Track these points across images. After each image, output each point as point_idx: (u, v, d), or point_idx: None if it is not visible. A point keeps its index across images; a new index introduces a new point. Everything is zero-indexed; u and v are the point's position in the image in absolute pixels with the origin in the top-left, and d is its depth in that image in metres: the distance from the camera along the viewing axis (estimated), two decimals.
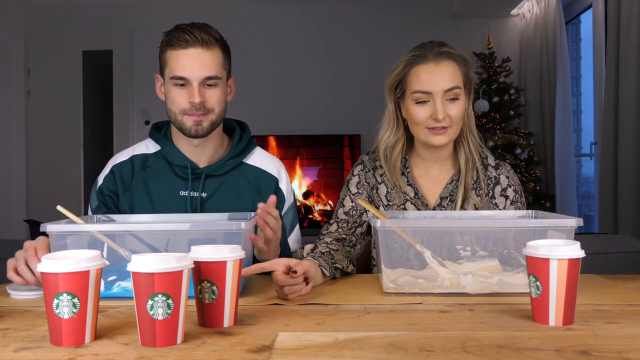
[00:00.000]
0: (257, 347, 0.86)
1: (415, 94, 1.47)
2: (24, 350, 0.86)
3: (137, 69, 5.15)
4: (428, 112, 1.46)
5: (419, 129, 1.49)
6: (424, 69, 1.46)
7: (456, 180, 1.55)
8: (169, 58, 1.47)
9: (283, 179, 1.62)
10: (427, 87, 1.45)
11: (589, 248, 1.03)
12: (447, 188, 1.55)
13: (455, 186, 1.55)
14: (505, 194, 1.58)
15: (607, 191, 3.38)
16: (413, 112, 1.48)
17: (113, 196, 1.54)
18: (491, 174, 1.58)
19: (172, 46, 1.46)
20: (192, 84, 1.45)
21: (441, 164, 1.57)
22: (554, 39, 4.27)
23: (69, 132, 5.19)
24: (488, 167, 1.59)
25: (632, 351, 0.83)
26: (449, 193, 1.55)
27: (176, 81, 1.46)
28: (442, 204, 1.55)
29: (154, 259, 0.86)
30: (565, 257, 0.95)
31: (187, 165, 1.53)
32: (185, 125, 1.48)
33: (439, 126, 1.46)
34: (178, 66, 1.45)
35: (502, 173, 1.59)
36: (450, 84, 1.45)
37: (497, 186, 1.58)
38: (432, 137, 1.48)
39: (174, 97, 1.48)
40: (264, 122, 4.94)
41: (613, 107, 3.30)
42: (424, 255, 1.20)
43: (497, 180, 1.58)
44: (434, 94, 1.45)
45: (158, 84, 1.55)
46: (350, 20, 5.16)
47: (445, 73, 1.45)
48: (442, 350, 0.83)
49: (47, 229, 1.14)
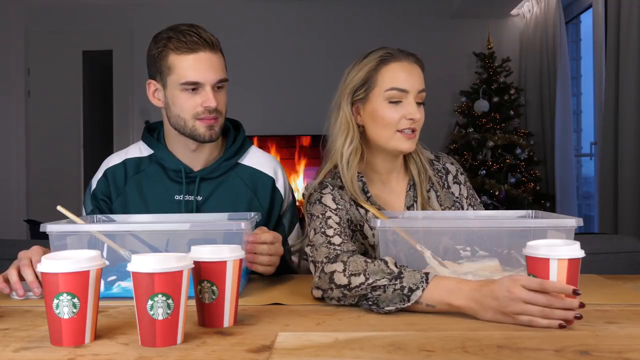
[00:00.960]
0: (257, 347, 0.86)
1: (391, 91, 1.37)
2: (24, 350, 0.86)
3: (137, 69, 5.15)
4: (401, 112, 1.37)
5: (388, 133, 1.38)
6: (400, 67, 1.38)
7: (413, 186, 1.48)
8: (174, 63, 1.42)
9: (280, 179, 1.61)
10: (404, 85, 1.36)
11: (589, 248, 1.03)
12: (408, 196, 1.48)
13: (414, 192, 1.48)
14: (457, 180, 1.53)
15: (607, 191, 3.38)
16: (384, 113, 1.37)
17: (107, 200, 1.53)
18: (438, 166, 1.52)
19: (178, 50, 1.41)
20: (206, 88, 1.42)
21: (396, 175, 1.49)
22: (554, 39, 4.27)
23: (69, 132, 5.19)
24: (432, 161, 1.53)
25: (632, 351, 0.83)
26: (413, 200, 1.47)
27: (187, 86, 1.42)
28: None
29: (154, 259, 0.86)
30: (565, 257, 0.96)
31: (181, 169, 1.51)
32: (198, 132, 1.45)
33: (411, 128, 1.38)
34: (189, 71, 1.41)
35: (445, 162, 1.54)
36: (422, 85, 1.39)
37: (449, 175, 1.52)
38: (402, 142, 1.38)
39: (183, 103, 1.43)
40: (264, 122, 4.94)
41: (613, 107, 3.30)
42: (424, 255, 1.20)
43: (447, 170, 1.52)
44: (410, 92, 1.37)
45: (152, 90, 1.50)
46: (351, 20, 5.16)
47: (418, 73, 1.39)
48: (442, 350, 0.83)
49: (47, 229, 1.14)
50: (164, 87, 1.47)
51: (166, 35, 1.44)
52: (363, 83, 1.41)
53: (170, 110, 1.47)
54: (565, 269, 0.95)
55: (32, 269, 1.16)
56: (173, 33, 1.43)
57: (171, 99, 1.46)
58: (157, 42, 1.45)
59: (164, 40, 1.44)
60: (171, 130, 1.52)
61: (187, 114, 1.44)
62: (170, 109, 1.47)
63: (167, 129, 1.54)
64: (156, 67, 1.46)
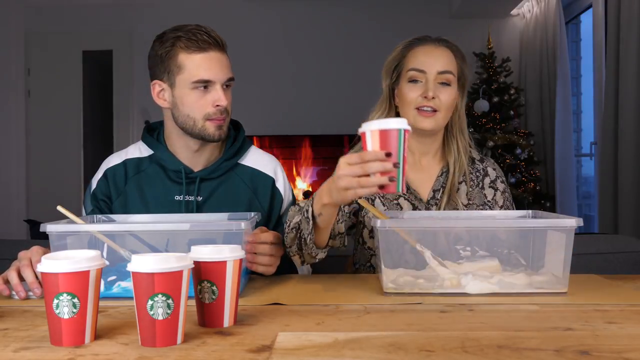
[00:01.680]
0: (257, 347, 0.86)
1: (411, 71, 1.50)
2: (24, 350, 0.86)
3: (137, 69, 5.15)
4: (419, 91, 1.49)
5: (409, 110, 1.50)
6: (422, 50, 1.51)
7: (446, 172, 1.58)
8: (184, 62, 1.43)
9: (280, 178, 1.61)
10: (422, 66, 1.49)
11: (589, 248, 1.03)
12: (438, 181, 1.57)
13: (445, 178, 1.57)
14: (495, 186, 1.61)
15: (607, 191, 3.38)
16: (405, 92, 1.51)
17: (107, 200, 1.53)
18: (478, 166, 1.62)
19: (189, 49, 1.42)
20: (216, 87, 1.44)
21: (431, 157, 1.59)
22: (554, 39, 4.27)
23: (69, 132, 5.19)
24: (474, 160, 1.63)
25: (632, 351, 0.83)
26: (441, 185, 1.57)
27: (198, 85, 1.42)
28: (436, 196, 1.57)
29: (154, 259, 0.86)
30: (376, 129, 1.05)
31: (181, 170, 1.51)
32: (208, 131, 1.46)
33: (429, 106, 1.48)
34: (201, 69, 1.42)
35: (488, 166, 1.64)
36: (444, 67, 1.49)
37: (486, 178, 1.62)
38: (420, 120, 1.49)
39: (193, 102, 1.44)
40: (264, 122, 4.94)
41: (613, 107, 3.30)
42: (424, 255, 1.20)
43: (486, 172, 1.62)
44: (428, 73, 1.49)
45: (157, 91, 1.49)
46: (351, 20, 5.16)
47: (441, 56, 1.50)
48: (442, 350, 0.83)
49: (47, 229, 1.14)
50: (171, 86, 1.46)
51: (174, 35, 1.44)
52: (395, 66, 1.56)
53: (178, 110, 1.47)
54: (378, 139, 1.03)
55: (32, 269, 1.16)
56: (182, 32, 1.44)
57: (180, 98, 1.45)
58: (164, 42, 1.45)
59: (172, 39, 1.44)
60: (173, 131, 1.52)
61: (198, 114, 1.44)
62: (179, 109, 1.47)
63: (168, 129, 1.54)
64: (163, 67, 1.46)
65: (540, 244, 1.24)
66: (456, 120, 1.58)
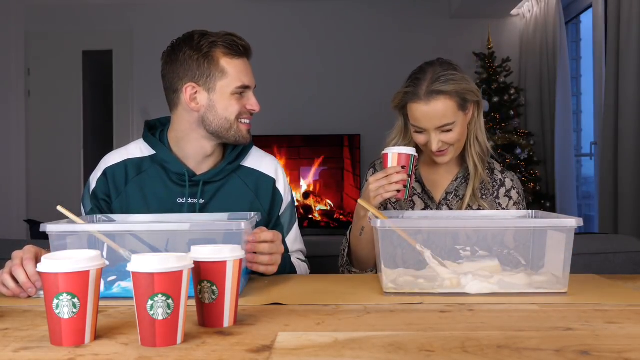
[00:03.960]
0: (257, 347, 0.86)
1: (412, 126, 1.60)
2: (24, 350, 0.86)
3: (137, 69, 5.15)
4: (425, 140, 1.58)
5: (423, 148, 1.63)
6: (417, 108, 1.55)
7: (461, 178, 1.67)
8: (226, 67, 1.46)
9: (280, 179, 1.61)
10: (420, 125, 1.56)
11: (589, 248, 1.03)
12: (452, 184, 1.67)
13: (460, 183, 1.67)
14: (509, 195, 1.68)
15: (607, 191, 3.38)
16: (414, 137, 1.62)
17: (107, 199, 1.52)
18: (497, 177, 1.70)
19: (230, 55, 1.47)
20: (250, 92, 1.51)
21: (446, 164, 1.67)
22: (554, 39, 4.27)
23: (69, 132, 5.19)
24: (494, 171, 1.71)
25: (632, 351, 0.83)
26: (455, 189, 1.67)
27: (240, 90, 1.48)
28: (448, 198, 1.66)
29: (154, 259, 0.86)
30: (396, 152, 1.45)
31: (185, 173, 1.50)
32: (242, 133, 1.51)
33: (439, 151, 1.58)
34: (242, 75, 1.48)
35: (507, 177, 1.71)
36: (442, 122, 1.54)
37: (502, 188, 1.69)
38: (435, 158, 1.61)
39: (231, 106, 1.48)
40: (264, 122, 4.92)
41: (613, 107, 3.30)
42: (424, 255, 1.20)
43: (502, 183, 1.69)
44: (427, 130, 1.56)
45: (190, 93, 1.48)
46: (351, 20, 5.16)
47: (436, 112, 1.53)
48: (442, 350, 0.83)
49: (47, 229, 1.14)
50: (208, 90, 1.47)
51: (210, 40, 1.46)
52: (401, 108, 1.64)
53: (213, 112, 1.48)
54: (397, 158, 1.44)
55: (24, 269, 1.15)
56: (216, 38, 1.47)
57: (218, 102, 1.47)
58: (199, 47, 1.46)
59: (209, 44, 1.46)
60: (190, 134, 1.51)
61: (233, 116, 1.49)
62: (216, 111, 1.48)
63: (182, 132, 1.52)
64: (201, 71, 1.46)
65: (540, 244, 1.24)
66: (472, 129, 1.64)
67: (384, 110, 1.63)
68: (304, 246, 1.67)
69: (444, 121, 1.53)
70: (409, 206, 1.66)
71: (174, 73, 1.49)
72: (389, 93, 1.70)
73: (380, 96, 5.53)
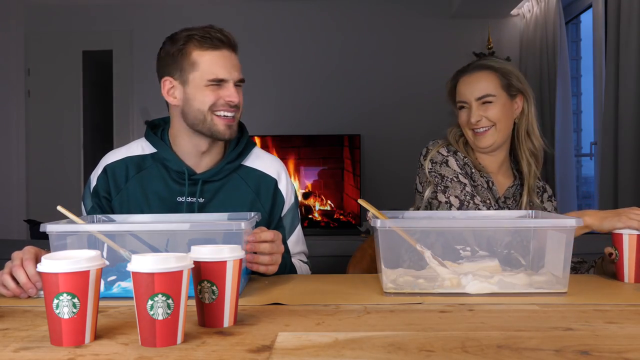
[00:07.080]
0: (257, 347, 0.86)
1: (457, 104, 1.71)
2: (24, 350, 0.86)
3: (137, 69, 5.15)
4: (466, 117, 1.67)
5: (466, 131, 1.70)
6: (462, 82, 1.69)
7: (517, 185, 1.74)
8: (198, 59, 1.44)
9: (283, 180, 1.61)
10: (462, 97, 1.68)
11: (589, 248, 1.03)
12: (508, 191, 1.73)
13: (516, 190, 1.74)
14: (551, 200, 1.80)
15: (607, 191, 3.38)
16: (458, 117, 1.72)
17: (107, 196, 1.53)
18: (539, 184, 1.79)
19: (202, 47, 1.44)
20: (229, 85, 1.46)
21: (502, 173, 1.74)
22: (554, 39, 4.26)
23: (69, 132, 5.19)
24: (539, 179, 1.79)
25: (632, 351, 0.83)
26: (512, 194, 1.73)
27: (212, 83, 1.45)
28: (507, 202, 1.73)
29: (154, 259, 0.86)
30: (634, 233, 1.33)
31: (185, 171, 1.51)
32: (217, 128, 1.47)
33: (478, 127, 1.65)
34: (215, 67, 1.44)
35: (546, 185, 1.81)
36: (482, 93, 1.64)
37: (545, 193, 1.79)
38: (476, 139, 1.67)
39: (205, 97, 1.45)
40: (264, 122, 4.94)
41: (613, 107, 3.30)
42: (424, 255, 1.21)
43: (544, 189, 1.80)
44: (469, 102, 1.66)
45: (167, 87, 1.50)
46: (350, 20, 5.16)
47: (477, 83, 1.66)
48: (442, 350, 0.83)
49: (47, 229, 1.14)
50: (183, 84, 1.47)
51: (187, 34, 1.46)
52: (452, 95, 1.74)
53: (189, 106, 1.48)
54: (635, 242, 1.33)
55: (24, 269, 1.16)
56: (195, 31, 1.45)
57: (192, 95, 1.47)
58: (176, 41, 1.46)
59: (184, 38, 1.45)
60: (182, 131, 1.51)
61: (206, 107, 1.46)
62: (190, 105, 1.47)
63: (176, 129, 1.53)
64: (175, 65, 1.47)
65: (541, 244, 1.24)
66: (522, 123, 1.70)
67: (384, 110, 1.64)
68: (306, 248, 1.67)
69: (483, 92, 1.64)
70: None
71: (158, 70, 1.52)
72: (389, 93, 1.71)
73: (381, 96, 5.55)
